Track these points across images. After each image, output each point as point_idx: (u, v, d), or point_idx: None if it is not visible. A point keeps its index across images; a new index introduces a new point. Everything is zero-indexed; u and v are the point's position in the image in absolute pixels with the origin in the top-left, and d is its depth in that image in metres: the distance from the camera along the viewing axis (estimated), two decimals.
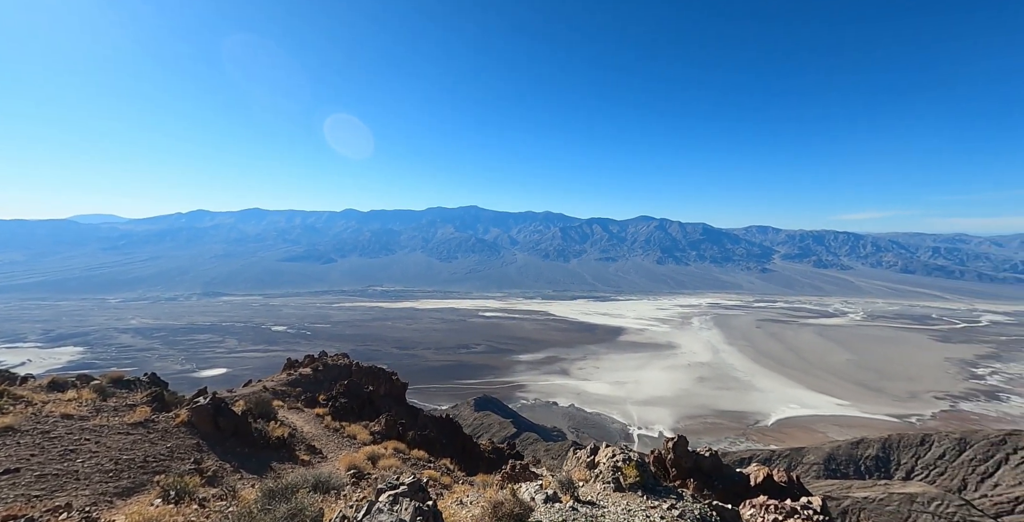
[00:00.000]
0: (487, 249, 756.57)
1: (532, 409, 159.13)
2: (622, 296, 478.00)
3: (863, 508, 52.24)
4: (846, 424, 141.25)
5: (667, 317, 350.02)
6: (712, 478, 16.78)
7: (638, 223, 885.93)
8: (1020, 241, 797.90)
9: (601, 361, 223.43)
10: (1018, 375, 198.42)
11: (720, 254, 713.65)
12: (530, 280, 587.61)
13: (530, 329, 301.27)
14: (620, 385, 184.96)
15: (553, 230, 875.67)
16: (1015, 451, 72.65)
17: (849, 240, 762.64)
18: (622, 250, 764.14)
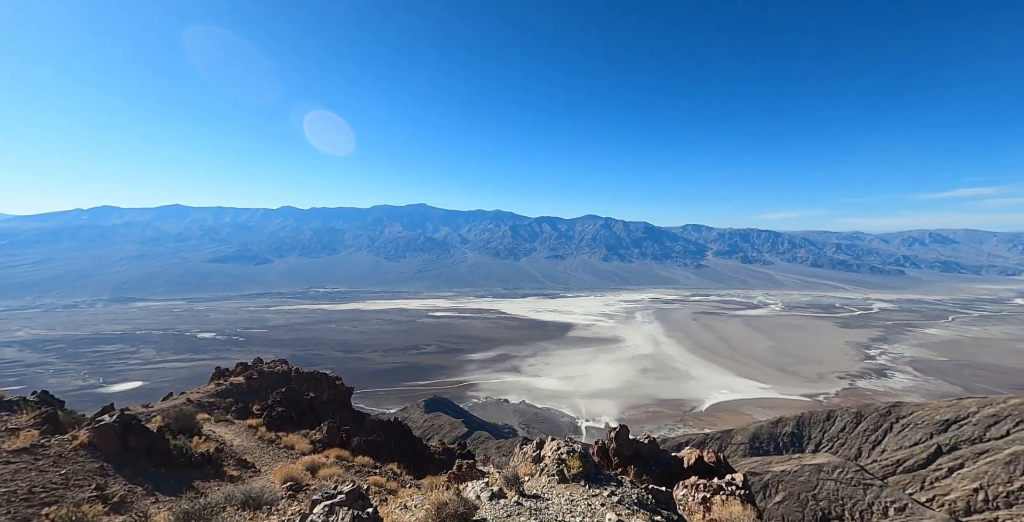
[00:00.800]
0: (437, 248, 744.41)
1: (483, 407, 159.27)
2: (571, 293, 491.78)
3: (780, 481, 58.11)
4: (768, 405, 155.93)
5: (613, 312, 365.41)
6: (650, 463, 17.77)
7: (585, 222, 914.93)
8: (902, 239, 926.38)
9: (551, 357, 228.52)
10: (900, 354, 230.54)
11: (660, 251, 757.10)
12: (481, 279, 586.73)
13: (481, 328, 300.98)
14: (569, 380, 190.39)
15: (503, 229, 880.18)
16: (897, 420, 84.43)
17: (770, 238, 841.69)
18: (570, 248, 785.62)
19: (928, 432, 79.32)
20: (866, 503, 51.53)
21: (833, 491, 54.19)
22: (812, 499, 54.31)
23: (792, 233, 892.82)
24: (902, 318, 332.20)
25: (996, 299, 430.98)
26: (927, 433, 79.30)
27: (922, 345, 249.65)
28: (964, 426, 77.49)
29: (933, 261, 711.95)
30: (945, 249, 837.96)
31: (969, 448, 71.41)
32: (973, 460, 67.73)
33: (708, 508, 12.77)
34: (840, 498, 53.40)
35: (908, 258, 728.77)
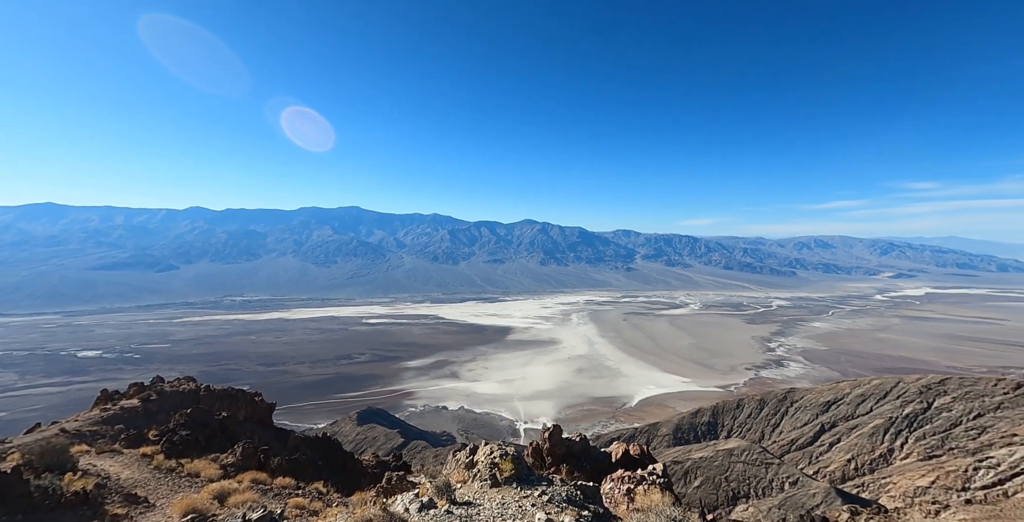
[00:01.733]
0: (371, 252, 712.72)
1: (421, 416, 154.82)
2: (510, 296, 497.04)
3: (699, 466, 63.51)
4: (689, 398, 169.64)
5: (550, 315, 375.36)
6: (582, 460, 18.52)
7: (523, 226, 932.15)
8: (794, 243, 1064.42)
9: (490, 361, 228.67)
10: (794, 346, 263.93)
11: (594, 255, 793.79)
12: (419, 283, 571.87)
13: (419, 334, 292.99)
14: (508, 383, 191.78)
15: (442, 232, 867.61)
16: (791, 404, 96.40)
17: (689, 242, 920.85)
18: (509, 252, 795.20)
19: (814, 413, 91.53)
20: (767, 480, 58.15)
21: (741, 472, 60.45)
22: (724, 481, 60.08)
23: (707, 238, 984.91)
24: (795, 314, 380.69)
25: (862, 295, 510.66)
26: (813, 414, 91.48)
27: (810, 337, 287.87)
28: (840, 406, 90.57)
29: (817, 263, 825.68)
30: (825, 253, 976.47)
31: (844, 424, 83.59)
32: (847, 434, 79.42)
33: (632, 499, 13.62)
34: (747, 478, 59.70)
35: (799, 261, 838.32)
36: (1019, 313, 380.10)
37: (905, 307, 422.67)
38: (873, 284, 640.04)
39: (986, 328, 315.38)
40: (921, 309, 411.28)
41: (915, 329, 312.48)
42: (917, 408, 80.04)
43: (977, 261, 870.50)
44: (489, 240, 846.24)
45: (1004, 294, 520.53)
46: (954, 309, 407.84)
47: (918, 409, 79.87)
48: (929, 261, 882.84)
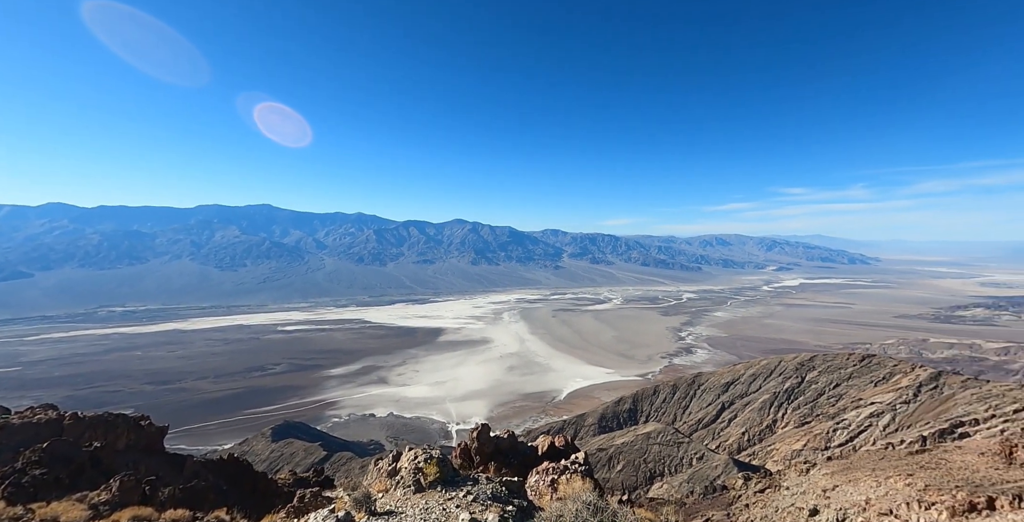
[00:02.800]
0: (287, 254, 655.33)
1: (346, 426, 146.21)
2: (440, 297, 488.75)
3: (621, 451, 68.24)
4: (613, 388, 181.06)
5: (482, 314, 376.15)
6: (510, 456, 18.92)
7: (453, 226, 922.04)
8: (699, 241, 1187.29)
9: (421, 364, 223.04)
10: (700, 334, 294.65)
11: (524, 254, 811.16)
12: (342, 287, 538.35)
13: (343, 339, 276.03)
14: (439, 385, 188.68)
15: (367, 232, 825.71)
16: (698, 387, 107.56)
17: (611, 241, 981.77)
18: (439, 252, 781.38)
19: (717, 394, 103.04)
20: (679, 458, 64.39)
21: (657, 453, 66.21)
22: (643, 462, 65.32)
23: (627, 237, 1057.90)
24: (701, 305, 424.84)
25: (753, 287, 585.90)
26: (716, 394, 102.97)
27: (713, 325, 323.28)
28: (737, 385, 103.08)
29: (718, 259, 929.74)
30: (725, 249, 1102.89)
31: (740, 402, 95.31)
32: (742, 410, 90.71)
33: (555, 489, 14.25)
34: (662, 457, 65.55)
35: (703, 257, 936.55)
36: (864, 298, 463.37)
37: (785, 296, 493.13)
38: (761, 276, 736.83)
39: (841, 311, 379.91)
40: (796, 297, 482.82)
41: (792, 314, 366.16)
42: (793, 383, 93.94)
43: (835, 256, 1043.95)
44: (418, 240, 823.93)
45: (854, 283, 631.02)
46: (819, 296, 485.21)
47: (794, 383, 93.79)
48: (801, 256, 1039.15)
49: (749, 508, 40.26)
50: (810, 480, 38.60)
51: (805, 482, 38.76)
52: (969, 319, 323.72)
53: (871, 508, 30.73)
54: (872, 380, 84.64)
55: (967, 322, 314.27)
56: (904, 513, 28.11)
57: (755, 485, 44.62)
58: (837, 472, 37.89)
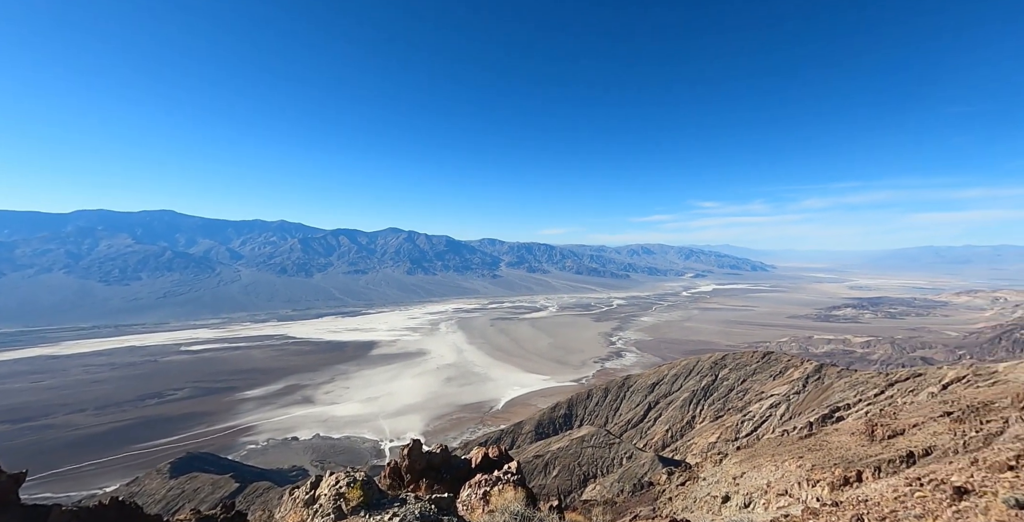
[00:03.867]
0: (194, 266, 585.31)
1: (264, 453, 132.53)
2: (374, 309, 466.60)
3: (557, 457, 69.53)
4: (549, 394, 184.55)
5: (418, 325, 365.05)
6: (442, 472, 18.38)
7: (388, 235, 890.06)
8: (628, 250, 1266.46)
9: (351, 380, 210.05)
10: (629, 338, 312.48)
11: (461, 263, 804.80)
12: (262, 300, 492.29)
13: (261, 357, 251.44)
14: (372, 401, 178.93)
15: (291, 242, 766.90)
16: (628, 389, 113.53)
17: (547, 250, 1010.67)
18: (372, 262, 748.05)
19: (644, 394, 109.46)
20: (610, 459, 67.14)
21: (591, 455, 68.48)
22: (577, 466, 67.10)
23: (562, 246, 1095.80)
24: (629, 311, 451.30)
25: (674, 293, 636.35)
26: (643, 395, 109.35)
27: (640, 330, 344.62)
28: (661, 385, 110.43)
29: (644, 267, 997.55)
30: (650, 258, 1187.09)
31: (664, 401, 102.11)
32: (665, 409, 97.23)
33: (487, 501, 14.07)
34: (595, 460, 67.89)
35: (631, 265, 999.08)
36: (764, 301, 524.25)
37: (700, 301, 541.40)
38: (681, 283, 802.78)
39: (746, 314, 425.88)
40: (710, 301, 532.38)
41: (707, 317, 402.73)
42: (708, 380, 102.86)
43: (740, 263, 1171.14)
44: (349, 249, 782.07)
45: (756, 288, 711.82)
46: (728, 300, 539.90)
47: (709, 381, 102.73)
48: (714, 264, 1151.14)
49: (672, 501, 43.00)
50: (723, 470, 42.22)
51: (719, 472, 42.34)
52: (842, 318, 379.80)
53: (771, 490, 34.24)
54: (771, 374, 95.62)
55: (840, 320, 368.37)
56: (796, 491, 31.67)
57: (677, 479, 47.81)
58: (744, 460, 41.82)
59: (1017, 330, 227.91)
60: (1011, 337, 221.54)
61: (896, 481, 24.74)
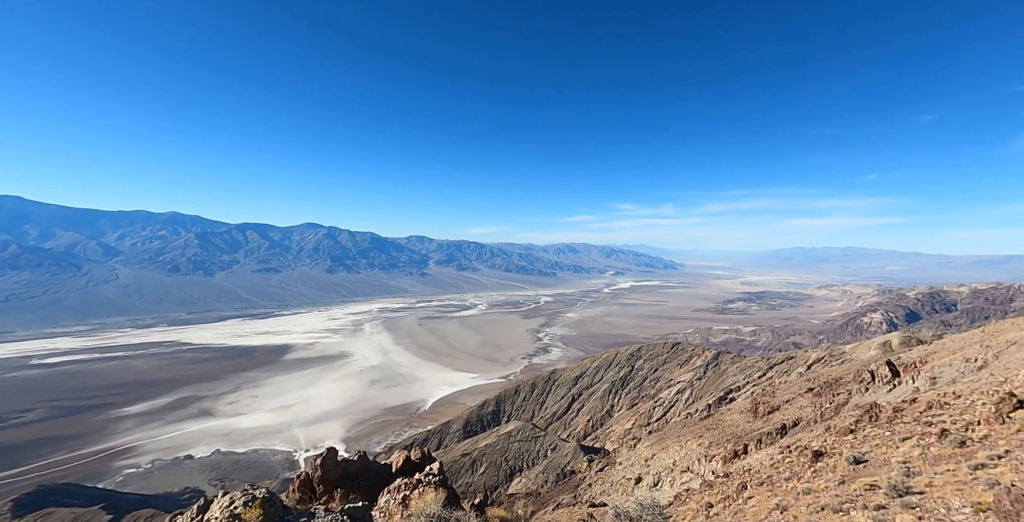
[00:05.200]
0: (51, 263, 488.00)
1: (148, 476, 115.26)
2: (288, 310, 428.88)
3: (484, 453, 69.94)
4: (478, 392, 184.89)
5: (339, 326, 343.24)
6: (359, 480, 17.32)
7: (305, 230, 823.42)
8: (555, 249, 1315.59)
9: (261, 387, 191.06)
10: (555, 334, 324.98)
11: (387, 261, 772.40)
12: (147, 303, 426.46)
13: (146, 368, 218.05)
14: (285, 409, 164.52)
15: (186, 236, 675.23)
16: (553, 383, 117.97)
17: (477, 248, 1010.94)
18: (287, 259, 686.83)
19: (568, 387, 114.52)
20: (536, 451, 69.25)
21: (517, 450, 69.98)
22: (504, 461, 68.17)
23: (491, 244, 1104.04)
24: (556, 307, 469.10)
25: (596, 290, 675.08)
26: (567, 388, 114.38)
27: (566, 325, 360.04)
28: (584, 378, 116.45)
29: (569, 265, 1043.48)
30: (575, 257, 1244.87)
31: (586, 392, 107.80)
32: (588, 400, 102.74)
33: (406, 506, 13.52)
34: (522, 453, 69.52)
35: (558, 263, 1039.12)
36: (673, 297, 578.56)
37: (620, 297, 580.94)
38: (602, 280, 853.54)
39: (659, 308, 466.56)
40: (628, 298, 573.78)
41: (625, 312, 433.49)
42: (626, 371, 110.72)
43: (654, 262, 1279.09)
44: (259, 246, 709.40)
45: (667, 284, 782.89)
46: (644, 296, 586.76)
47: (626, 372, 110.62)
48: (631, 262, 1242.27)
49: (591, 487, 45.63)
50: (636, 453, 45.77)
51: (633, 456, 45.83)
52: (735, 310, 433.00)
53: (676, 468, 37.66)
54: (678, 363, 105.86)
55: (734, 312, 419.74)
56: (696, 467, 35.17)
57: (596, 465, 50.81)
58: (655, 443, 45.64)
59: (859, 317, 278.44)
60: (855, 323, 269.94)
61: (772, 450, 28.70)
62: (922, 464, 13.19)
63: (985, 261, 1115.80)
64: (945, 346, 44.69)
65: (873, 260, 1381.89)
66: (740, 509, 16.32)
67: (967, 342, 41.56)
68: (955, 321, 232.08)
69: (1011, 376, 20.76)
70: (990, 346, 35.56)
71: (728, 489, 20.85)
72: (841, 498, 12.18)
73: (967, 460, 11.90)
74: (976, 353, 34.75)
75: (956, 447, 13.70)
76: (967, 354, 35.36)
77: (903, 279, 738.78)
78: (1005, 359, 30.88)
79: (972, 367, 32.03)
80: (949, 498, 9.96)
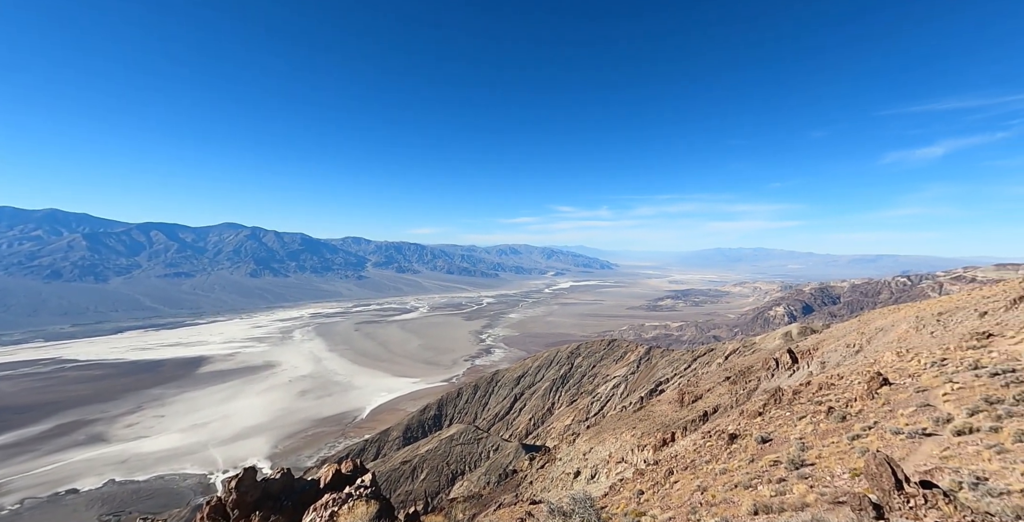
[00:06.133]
0: None
1: (16, 519, 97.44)
2: (204, 319, 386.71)
3: (425, 460, 68.18)
4: (419, 397, 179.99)
5: (265, 334, 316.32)
6: (282, 499, 15.98)
7: (223, 231, 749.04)
8: (497, 250, 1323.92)
9: (169, 406, 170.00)
10: (498, 334, 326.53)
11: (320, 264, 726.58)
12: (15, 315, 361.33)
13: (14, 391, 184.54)
14: (199, 428, 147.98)
15: (70, 237, 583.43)
16: (496, 384, 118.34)
17: (418, 250, 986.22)
18: (202, 263, 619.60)
19: (510, 387, 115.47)
20: (478, 453, 68.86)
21: (459, 453, 69.08)
22: (446, 465, 66.95)
23: (432, 246, 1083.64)
24: (498, 308, 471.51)
25: (538, 290, 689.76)
26: (510, 388, 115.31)
27: (508, 326, 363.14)
28: (526, 377, 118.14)
29: (511, 266, 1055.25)
30: (517, 258, 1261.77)
31: (528, 391, 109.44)
32: (530, 399, 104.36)
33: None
34: (464, 457, 68.74)
35: (500, 264, 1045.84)
36: (610, 296, 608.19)
37: (560, 297, 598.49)
38: (543, 281, 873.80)
39: (597, 307, 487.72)
40: (568, 297, 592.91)
41: (566, 312, 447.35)
42: (566, 369, 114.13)
43: (592, 263, 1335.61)
44: (167, 248, 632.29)
45: (603, 284, 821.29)
46: (583, 296, 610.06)
47: (566, 370, 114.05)
48: (571, 263, 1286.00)
49: (533, 484, 46.32)
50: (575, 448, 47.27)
51: (572, 451, 47.28)
52: (664, 307, 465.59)
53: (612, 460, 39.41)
54: (614, 359, 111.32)
55: (663, 309, 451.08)
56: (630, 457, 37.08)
57: (538, 463, 51.69)
58: (592, 437, 47.40)
59: (766, 311, 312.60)
60: (763, 316, 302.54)
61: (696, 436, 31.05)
62: (814, 439, 14.98)
63: (861, 260, 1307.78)
64: (832, 334, 51.51)
65: (777, 259, 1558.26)
66: (667, 493, 17.42)
67: (847, 330, 48.21)
68: (839, 312, 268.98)
69: (878, 358, 24.16)
70: (864, 333, 41.46)
71: (657, 475, 22.18)
72: (751, 475, 13.44)
73: (847, 432, 13.71)
74: (854, 339, 40.46)
75: (839, 422, 15.72)
76: (847, 340, 41.01)
77: (800, 276, 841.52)
78: (875, 343, 36.10)
79: (851, 352, 37.20)
80: (833, 467, 11.39)
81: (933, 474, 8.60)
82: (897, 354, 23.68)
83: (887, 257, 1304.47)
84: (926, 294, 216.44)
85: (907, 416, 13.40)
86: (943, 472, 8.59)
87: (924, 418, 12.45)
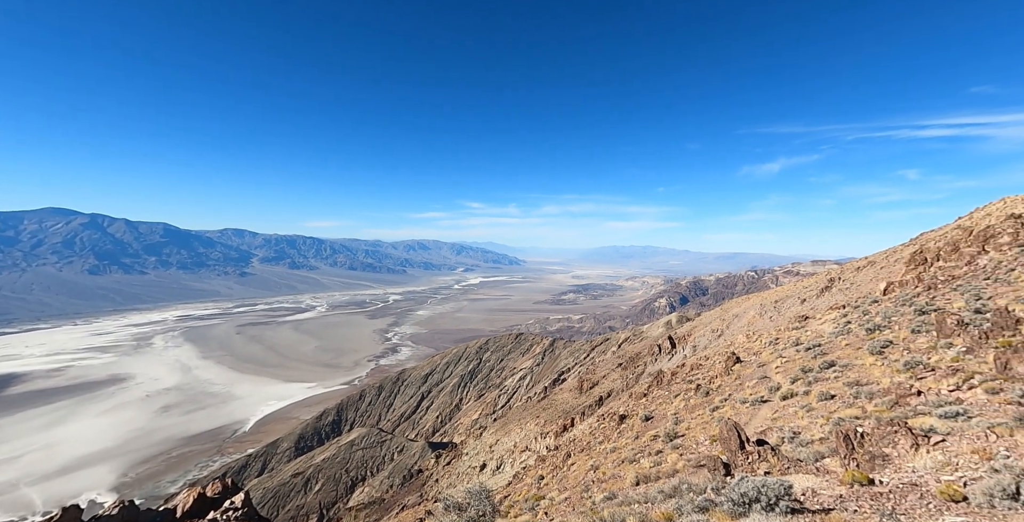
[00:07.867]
0: None
1: None
2: (13, 327, 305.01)
3: (321, 469, 63.07)
4: (315, 402, 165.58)
5: (111, 343, 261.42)
6: None
7: (46, 217, 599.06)
8: (404, 246, 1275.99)
9: None
10: (405, 333, 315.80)
11: (191, 259, 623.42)
12: None
13: None
14: (7, 463, 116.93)
15: None
16: (402, 383, 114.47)
17: (315, 244, 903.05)
18: (12, 257, 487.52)
19: (417, 386, 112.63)
20: (382, 456, 65.89)
21: (360, 458, 65.27)
22: (345, 473, 62.76)
23: (333, 240, 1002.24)
24: (406, 305, 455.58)
25: (447, 286, 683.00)
26: (417, 387, 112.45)
27: (416, 323, 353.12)
28: (434, 375, 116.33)
29: (420, 262, 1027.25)
30: (425, 253, 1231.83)
31: (436, 389, 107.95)
32: (437, 396, 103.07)
33: None
34: (365, 462, 65.15)
35: (407, 260, 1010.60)
36: (518, 291, 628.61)
37: (470, 292, 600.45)
38: (453, 277, 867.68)
39: (505, 302, 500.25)
40: (477, 293, 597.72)
41: (475, 307, 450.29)
42: (474, 364, 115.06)
43: (501, 259, 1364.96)
44: None
45: (512, 279, 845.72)
46: (492, 291, 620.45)
47: (475, 365, 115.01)
48: (480, 259, 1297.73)
49: (439, 482, 45.91)
50: (482, 441, 47.97)
51: (479, 444, 47.90)
52: (567, 301, 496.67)
53: (516, 449, 40.79)
54: (521, 352, 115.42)
55: (566, 303, 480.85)
56: (534, 445, 38.79)
57: (444, 460, 51.33)
58: (499, 429, 48.51)
59: (652, 302, 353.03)
60: (650, 307, 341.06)
61: (592, 420, 33.61)
62: (685, 413, 17.29)
63: (724, 256, 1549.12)
64: (702, 322, 60.14)
65: (662, 256, 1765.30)
66: (565, 476, 18.62)
67: (713, 318, 56.67)
68: (708, 302, 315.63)
69: (733, 340, 28.75)
70: (724, 319, 49.11)
71: (557, 460, 23.60)
72: (635, 450, 15.00)
73: (709, 405, 16.11)
74: (718, 325, 47.74)
75: (704, 397, 18.37)
76: (713, 326, 48.18)
77: (680, 271, 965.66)
78: (732, 328, 42.94)
79: (715, 336, 43.83)
80: (698, 435, 13.29)
81: (766, 433, 10.50)
82: (746, 336, 28.49)
83: (741, 254, 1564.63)
84: (767, 285, 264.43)
85: (751, 387, 16.19)
86: (772, 431, 10.54)
87: (762, 388, 15.14)
